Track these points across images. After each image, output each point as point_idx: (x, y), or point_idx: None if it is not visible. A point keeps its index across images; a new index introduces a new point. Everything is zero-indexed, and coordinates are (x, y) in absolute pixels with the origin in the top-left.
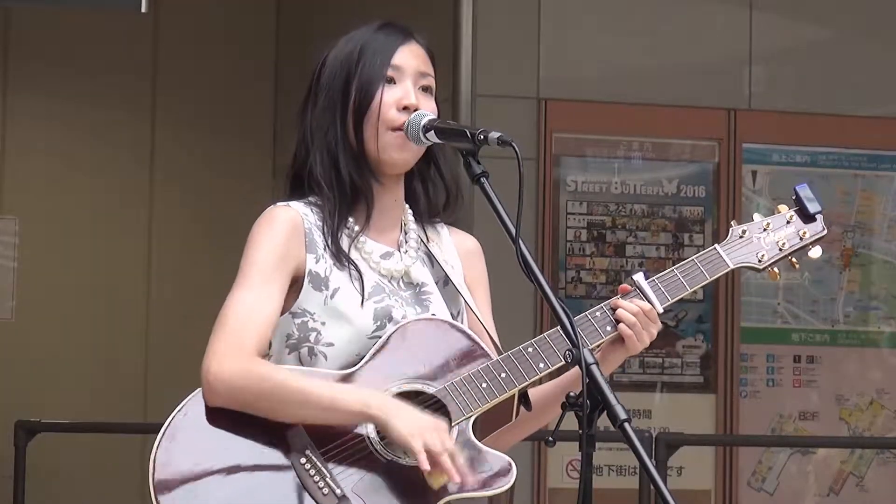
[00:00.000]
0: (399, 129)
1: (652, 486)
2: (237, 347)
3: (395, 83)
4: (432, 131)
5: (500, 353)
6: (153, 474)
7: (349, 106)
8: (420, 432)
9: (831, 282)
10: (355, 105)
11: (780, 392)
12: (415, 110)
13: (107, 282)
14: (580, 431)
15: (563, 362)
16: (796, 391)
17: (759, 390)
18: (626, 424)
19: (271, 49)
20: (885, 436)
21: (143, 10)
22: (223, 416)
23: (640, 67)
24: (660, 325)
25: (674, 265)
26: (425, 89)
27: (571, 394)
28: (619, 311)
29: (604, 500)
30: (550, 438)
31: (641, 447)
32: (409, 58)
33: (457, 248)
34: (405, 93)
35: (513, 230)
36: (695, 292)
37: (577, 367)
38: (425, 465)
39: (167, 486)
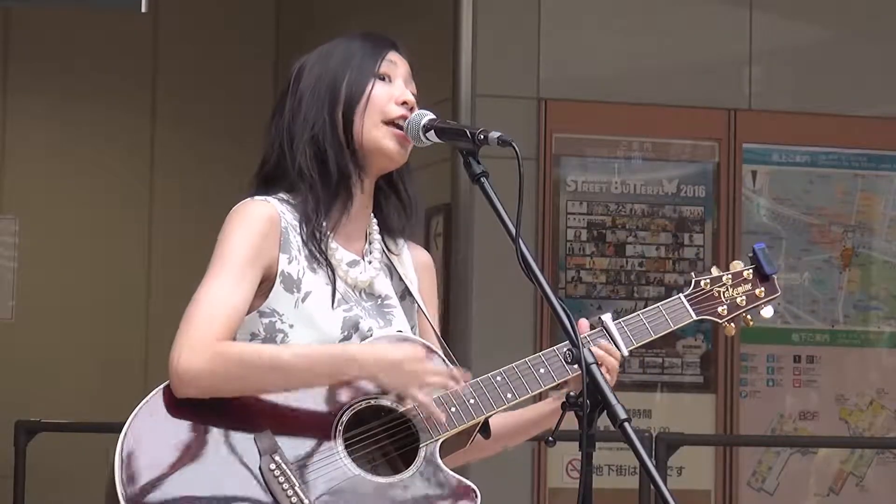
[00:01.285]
0: (394, 124)
1: (652, 486)
2: (204, 338)
3: (388, 80)
4: (432, 131)
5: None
6: (122, 492)
7: (339, 99)
8: (410, 378)
9: (831, 282)
10: (346, 98)
11: (780, 392)
12: (411, 108)
13: (107, 282)
14: (580, 431)
15: (530, 394)
16: (796, 391)
17: (759, 390)
18: (626, 424)
19: (271, 49)
20: (885, 436)
21: (143, 10)
22: (188, 415)
23: (640, 67)
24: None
25: (641, 309)
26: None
27: (571, 393)
28: (597, 352)
29: (604, 500)
30: (550, 438)
31: (641, 447)
32: (399, 62)
33: (414, 262)
34: (402, 90)
35: (513, 230)
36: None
37: (542, 403)
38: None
39: (136, 500)
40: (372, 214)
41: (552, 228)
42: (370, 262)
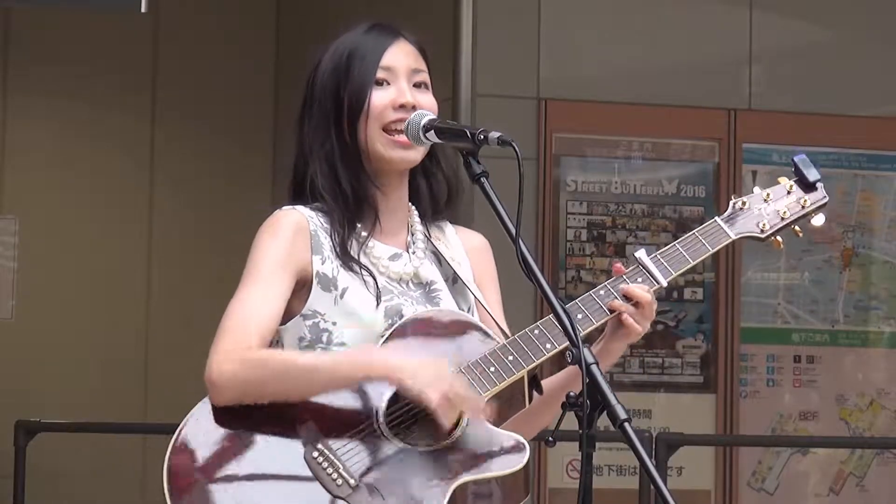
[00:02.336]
0: (394, 129)
1: (652, 486)
2: (237, 345)
3: (387, 85)
4: (432, 131)
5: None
6: (168, 485)
7: (343, 113)
8: (431, 383)
9: (831, 282)
10: (348, 111)
11: (780, 392)
12: (412, 108)
13: (107, 282)
14: (580, 431)
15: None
16: (796, 391)
17: (759, 390)
18: (626, 424)
19: (271, 49)
20: (885, 436)
21: (143, 10)
22: (232, 419)
23: (640, 67)
24: (653, 314)
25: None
26: (420, 85)
27: (571, 394)
28: (634, 293)
29: (604, 500)
30: (550, 438)
31: (641, 447)
32: (400, 56)
33: (464, 245)
34: (399, 92)
35: (513, 230)
36: (694, 292)
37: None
38: (444, 422)
39: (183, 496)
40: (411, 204)
41: (552, 228)
42: (414, 253)
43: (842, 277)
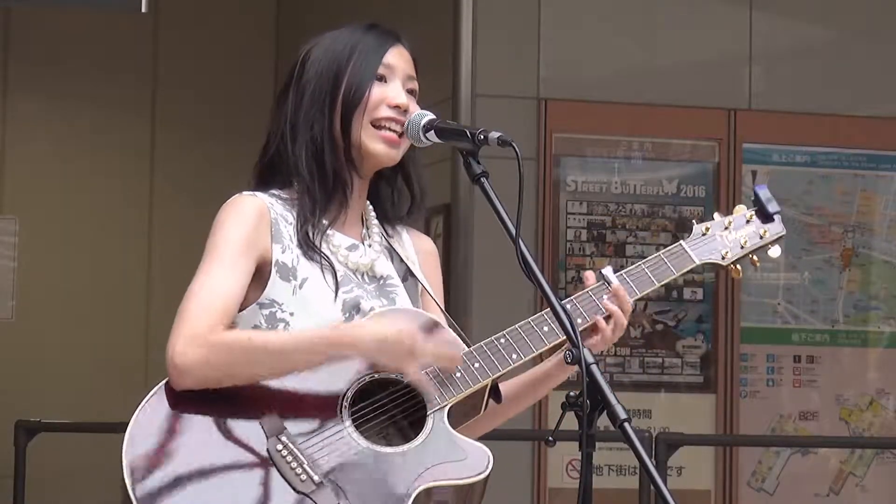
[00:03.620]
0: (383, 126)
1: (652, 486)
2: (200, 328)
3: (385, 81)
4: (432, 131)
5: (467, 345)
6: (131, 485)
7: (338, 100)
8: (404, 355)
9: (831, 282)
10: (345, 99)
11: (780, 392)
12: (404, 111)
13: (107, 282)
14: (580, 431)
15: (535, 352)
16: (796, 391)
17: (759, 390)
18: (626, 424)
19: (271, 49)
20: (885, 436)
21: (143, 10)
22: (192, 407)
23: (640, 67)
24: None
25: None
26: (411, 92)
27: (571, 394)
28: (606, 304)
29: (604, 500)
30: (550, 438)
31: (641, 447)
32: (399, 59)
33: (415, 247)
34: (396, 92)
35: (513, 230)
36: (694, 292)
37: (546, 361)
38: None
39: (145, 489)
40: (368, 201)
41: (552, 228)
42: (370, 246)
43: (842, 277)
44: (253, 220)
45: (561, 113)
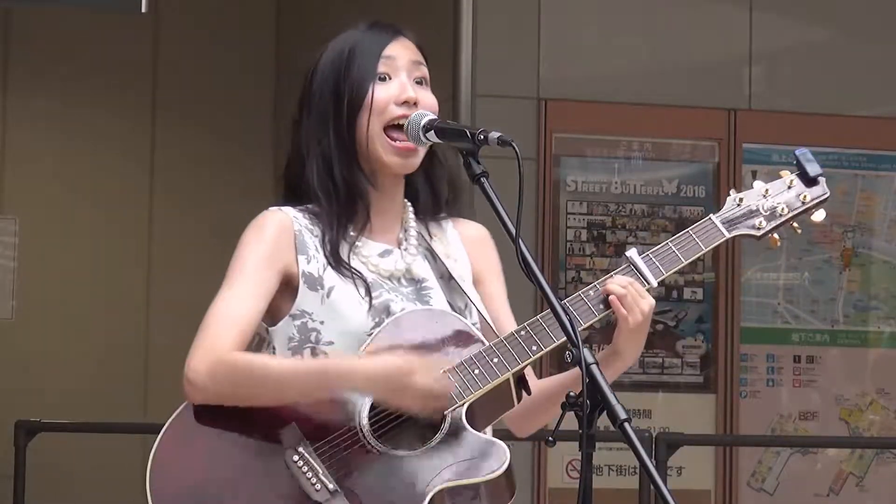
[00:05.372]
0: (396, 126)
1: (652, 486)
2: (214, 345)
3: (388, 79)
4: (432, 131)
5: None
6: (151, 486)
7: (342, 107)
8: (398, 393)
9: (831, 282)
10: (348, 105)
11: (780, 392)
12: (414, 104)
13: (107, 282)
14: (580, 431)
15: (556, 343)
16: (796, 391)
17: (759, 390)
18: (626, 424)
19: (271, 49)
20: (885, 436)
21: (143, 10)
22: (213, 421)
23: (640, 67)
24: (651, 300)
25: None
26: (420, 81)
27: (571, 394)
28: (609, 285)
29: (604, 500)
30: (550, 438)
31: (641, 447)
32: (401, 49)
33: (462, 239)
34: (402, 87)
35: (513, 230)
36: (694, 292)
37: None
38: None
39: (165, 496)
40: (406, 201)
41: (552, 228)
42: (406, 250)
43: (842, 277)
44: (274, 234)
45: (561, 113)
